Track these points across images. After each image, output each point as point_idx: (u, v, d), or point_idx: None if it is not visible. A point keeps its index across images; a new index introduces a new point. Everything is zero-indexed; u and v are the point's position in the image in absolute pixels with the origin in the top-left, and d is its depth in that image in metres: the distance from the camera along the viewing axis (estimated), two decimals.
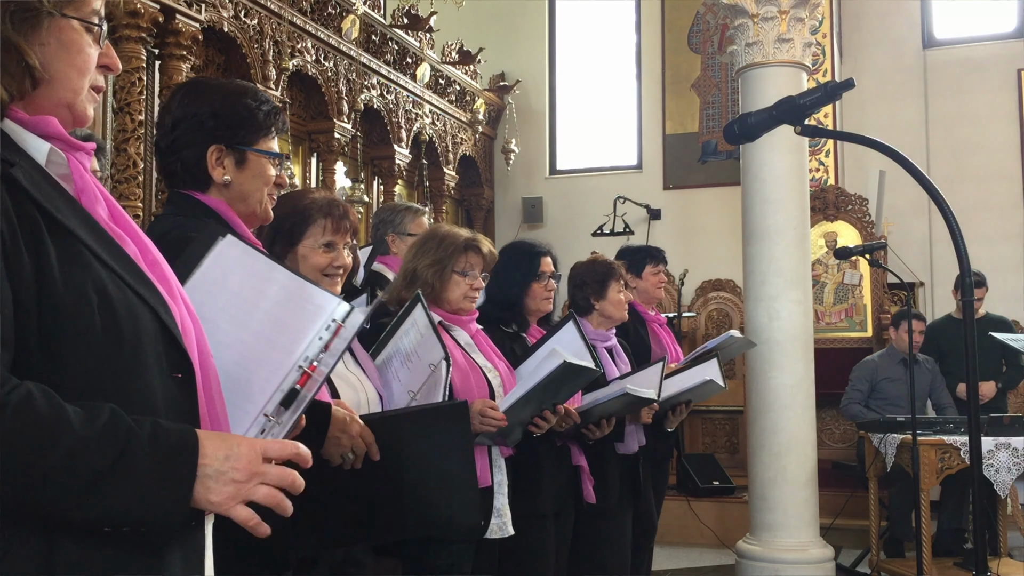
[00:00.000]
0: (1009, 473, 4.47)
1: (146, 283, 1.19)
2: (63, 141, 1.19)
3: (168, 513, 1.09)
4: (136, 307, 1.15)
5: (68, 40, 1.18)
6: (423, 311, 2.45)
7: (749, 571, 5.05)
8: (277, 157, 1.88)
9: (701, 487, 6.57)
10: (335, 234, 2.15)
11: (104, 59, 1.24)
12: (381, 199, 7.48)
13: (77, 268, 1.12)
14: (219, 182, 1.82)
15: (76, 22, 1.18)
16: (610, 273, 3.59)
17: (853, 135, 2.10)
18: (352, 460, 1.91)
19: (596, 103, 9.46)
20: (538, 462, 2.95)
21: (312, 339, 1.24)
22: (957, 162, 8.21)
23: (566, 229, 8.75)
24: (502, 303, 3.13)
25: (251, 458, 1.13)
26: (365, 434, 1.90)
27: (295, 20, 6.10)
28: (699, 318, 8.22)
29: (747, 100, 5.27)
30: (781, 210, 5.11)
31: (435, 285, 2.68)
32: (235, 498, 1.12)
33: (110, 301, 1.13)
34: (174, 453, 1.09)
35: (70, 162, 1.19)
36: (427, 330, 2.42)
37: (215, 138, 1.81)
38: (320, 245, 2.13)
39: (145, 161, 4.81)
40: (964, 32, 8.59)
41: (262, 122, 1.85)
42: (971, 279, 1.77)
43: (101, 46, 1.23)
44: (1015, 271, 7.96)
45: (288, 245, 2.13)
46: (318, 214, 2.13)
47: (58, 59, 1.17)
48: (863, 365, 5.92)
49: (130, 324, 1.14)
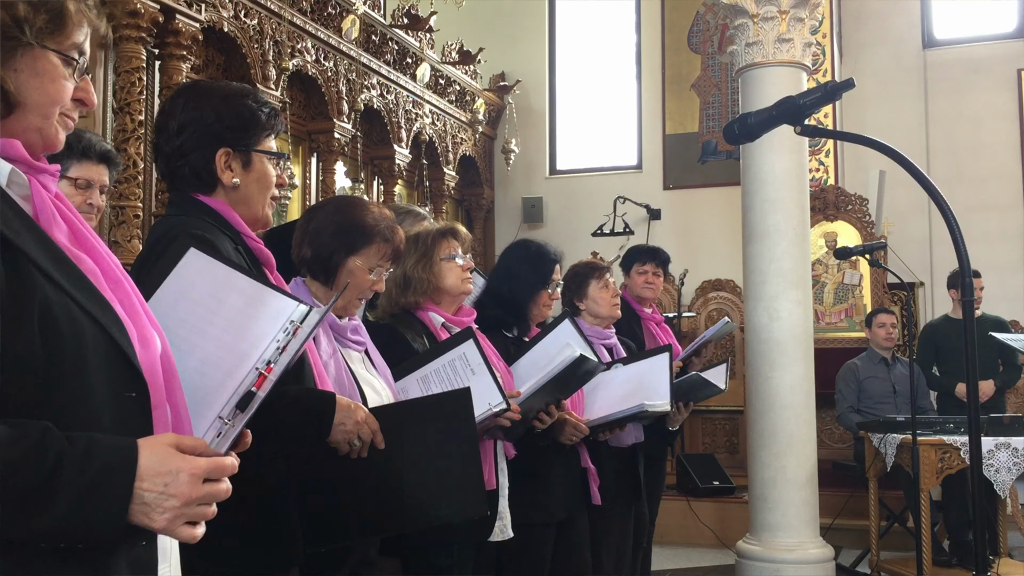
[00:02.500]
0: (1009, 473, 4.48)
1: (100, 303, 1.19)
2: (25, 164, 1.20)
3: (103, 531, 1.09)
4: (84, 327, 1.15)
5: (42, 69, 1.20)
6: (476, 349, 2.45)
7: (749, 571, 5.05)
8: (280, 157, 1.91)
9: (701, 487, 6.57)
10: (387, 261, 2.24)
11: (80, 93, 1.25)
12: (381, 199, 7.47)
13: (23, 288, 1.11)
14: (228, 184, 1.84)
15: (54, 55, 1.20)
16: (588, 273, 3.56)
17: (853, 135, 2.10)
18: (359, 447, 1.93)
19: (596, 103, 9.46)
20: (548, 468, 2.95)
21: (270, 343, 1.27)
22: (957, 162, 8.21)
23: (566, 229, 8.75)
24: (509, 305, 3.10)
25: (191, 484, 1.13)
26: (370, 421, 1.92)
27: (295, 20, 6.10)
28: (699, 318, 8.22)
29: (747, 100, 5.27)
30: (781, 210, 5.11)
31: (430, 280, 2.67)
32: (175, 521, 1.13)
33: (55, 322, 1.13)
34: (108, 471, 1.08)
35: (31, 184, 1.20)
36: (480, 369, 2.43)
37: (223, 141, 1.83)
38: (370, 268, 2.21)
39: (145, 161, 4.81)
40: (964, 32, 8.59)
41: (264, 123, 1.88)
42: (971, 279, 1.77)
43: (78, 80, 1.24)
44: (1015, 271, 7.97)
45: (346, 256, 2.20)
46: (379, 238, 2.21)
47: (30, 86, 1.19)
48: (845, 370, 5.94)
49: (75, 345, 1.14)
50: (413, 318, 2.68)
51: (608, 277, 3.61)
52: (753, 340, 5.17)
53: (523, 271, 3.13)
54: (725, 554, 5.83)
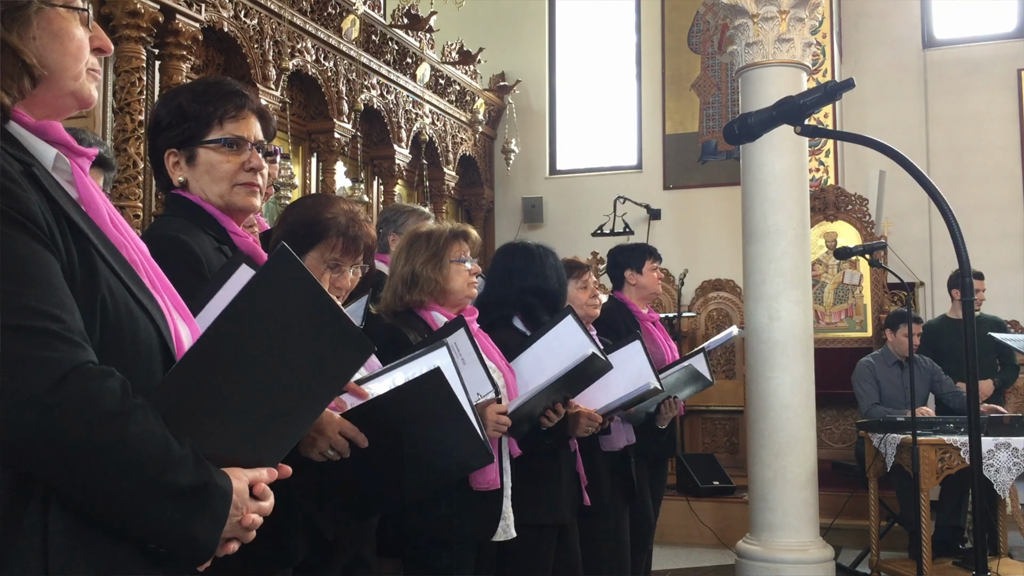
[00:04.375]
0: (1009, 473, 4.48)
1: (147, 294, 1.20)
2: (67, 147, 1.19)
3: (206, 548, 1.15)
4: (139, 318, 1.17)
5: (57, 29, 1.17)
6: (467, 338, 2.45)
7: (749, 571, 5.05)
8: (221, 143, 1.85)
9: (701, 487, 6.57)
10: (344, 255, 2.12)
11: (96, 41, 1.24)
12: (381, 199, 7.48)
13: (91, 274, 1.12)
14: (176, 183, 1.87)
15: (62, 9, 1.18)
16: (567, 271, 3.55)
17: (853, 135, 2.10)
18: (335, 456, 1.89)
19: (596, 103, 9.46)
20: (559, 470, 2.96)
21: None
22: (957, 162, 8.21)
23: (566, 229, 8.76)
24: (546, 295, 3.14)
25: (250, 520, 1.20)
26: (344, 429, 1.85)
27: (295, 20, 6.10)
28: (699, 318, 8.22)
29: (747, 100, 5.27)
30: (781, 210, 5.11)
31: (437, 280, 2.68)
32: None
33: (116, 311, 1.14)
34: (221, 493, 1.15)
35: (73, 168, 1.20)
36: (471, 358, 2.43)
37: (168, 142, 1.87)
38: (326, 262, 2.11)
39: (145, 161, 4.80)
40: (964, 32, 8.59)
41: (199, 115, 1.85)
42: (971, 279, 1.77)
43: (90, 28, 1.22)
44: (1015, 271, 7.96)
45: (296, 252, 2.12)
46: (333, 232, 2.10)
47: (51, 50, 1.16)
48: (863, 367, 5.89)
49: (131, 335, 1.16)
50: (416, 317, 2.68)
51: (588, 276, 3.61)
52: (753, 340, 5.17)
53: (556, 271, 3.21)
54: (725, 554, 5.83)
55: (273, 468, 1.24)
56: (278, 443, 1.25)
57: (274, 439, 1.24)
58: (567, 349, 2.79)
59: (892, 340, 5.81)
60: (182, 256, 1.73)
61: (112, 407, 1.06)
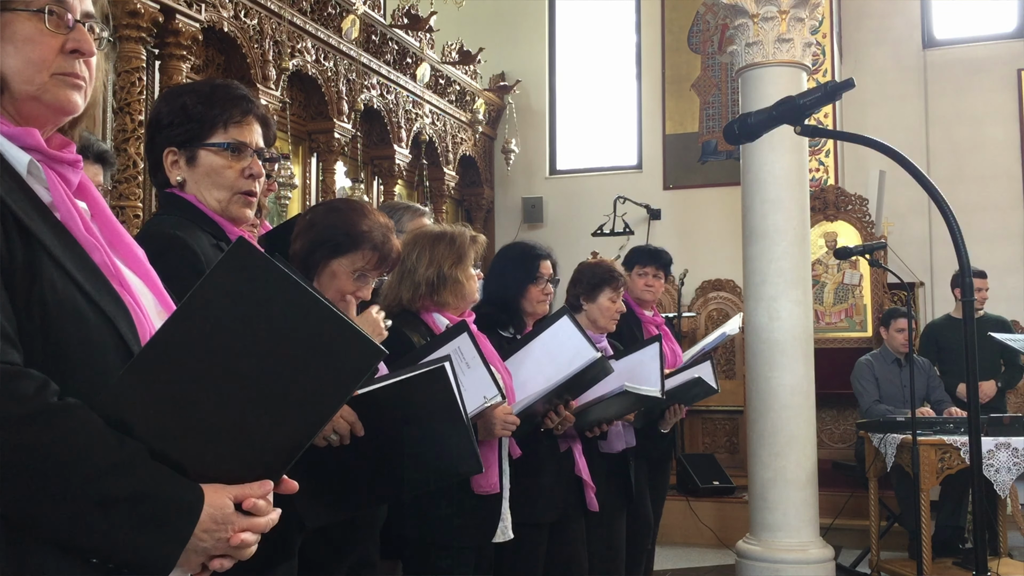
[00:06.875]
0: (1009, 473, 4.48)
1: (110, 294, 1.18)
2: (42, 153, 1.18)
3: (158, 566, 1.08)
4: (88, 320, 1.14)
5: (12, 33, 1.14)
6: (471, 342, 2.44)
7: (749, 571, 5.05)
8: (224, 148, 1.85)
9: (701, 487, 6.57)
10: (374, 268, 2.17)
11: (72, 43, 1.19)
12: (381, 199, 7.47)
13: (34, 276, 1.11)
14: (174, 182, 1.87)
15: (23, 12, 1.14)
16: (607, 279, 3.51)
17: (853, 135, 2.10)
18: (336, 440, 1.92)
19: (596, 103, 9.46)
20: (540, 469, 2.95)
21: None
22: (957, 162, 8.20)
23: (566, 229, 8.75)
24: (499, 304, 3.13)
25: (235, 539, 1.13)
26: (345, 414, 1.91)
27: (295, 20, 6.10)
28: (699, 318, 8.22)
29: (747, 100, 5.27)
30: (781, 210, 5.11)
31: (463, 283, 2.69)
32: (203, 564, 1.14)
33: (60, 314, 1.12)
34: (181, 507, 1.08)
35: (47, 175, 1.18)
36: (475, 362, 2.43)
37: (168, 140, 1.87)
38: (355, 271, 2.15)
39: (145, 161, 4.80)
40: (964, 32, 8.58)
41: (203, 116, 1.85)
42: (971, 279, 1.77)
43: (63, 31, 1.17)
44: (1015, 271, 7.96)
45: (328, 256, 2.15)
46: (368, 245, 2.15)
47: (7, 55, 1.14)
48: (862, 365, 5.90)
49: (78, 337, 1.13)
50: (417, 319, 2.67)
51: (622, 291, 3.57)
52: (753, 340, 5.17)
53: (508, 269, 3.16)
54: (725, 554, 5.83)
55: (268, 481, 1.16)
56: (275, 456, 1.14)
57: (266, 452, 1.13)
58: (566, 350, 2.78)
59: (887, 337, 5.85)
60: (180, 254, 1.74)
61: (19, 410, 1.01)
